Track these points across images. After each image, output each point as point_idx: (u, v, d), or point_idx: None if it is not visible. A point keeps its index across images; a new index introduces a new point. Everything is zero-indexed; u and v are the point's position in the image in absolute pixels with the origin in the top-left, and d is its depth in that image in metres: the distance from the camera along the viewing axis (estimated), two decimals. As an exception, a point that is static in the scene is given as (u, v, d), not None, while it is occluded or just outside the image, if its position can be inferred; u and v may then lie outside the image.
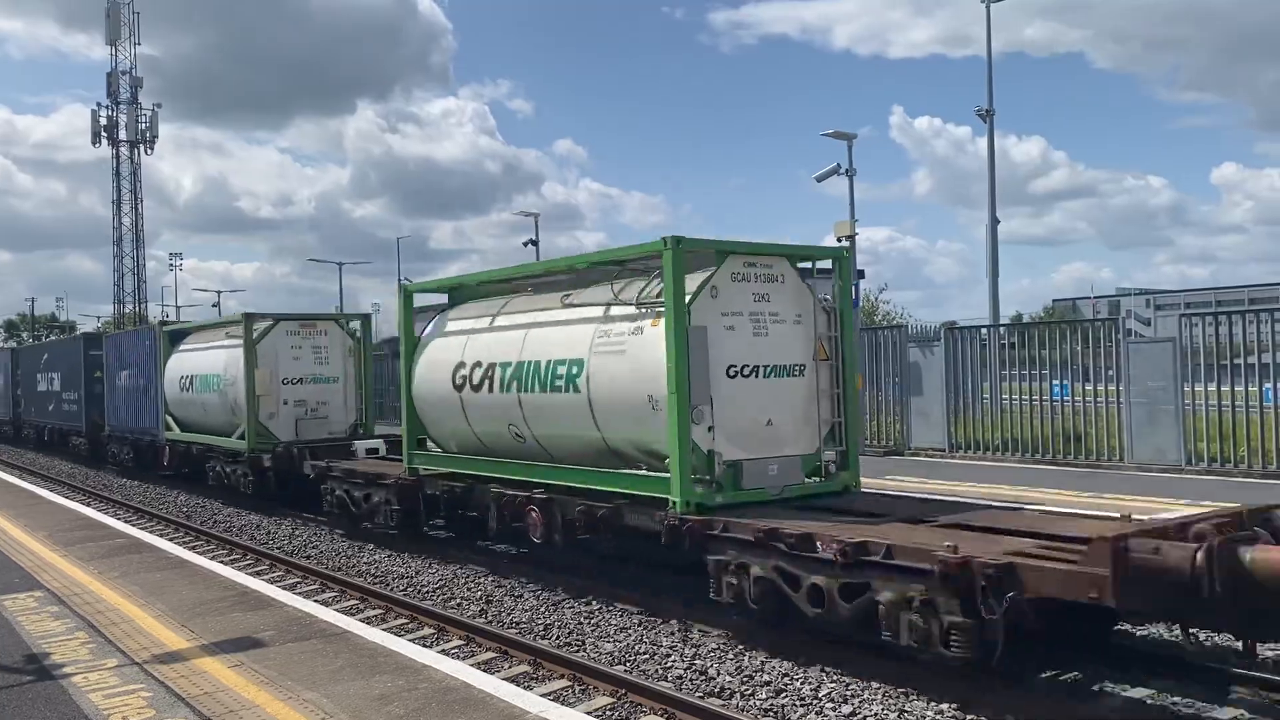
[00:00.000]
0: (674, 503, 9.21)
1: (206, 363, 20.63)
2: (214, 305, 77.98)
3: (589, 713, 7.09)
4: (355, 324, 20.11)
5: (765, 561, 8.40)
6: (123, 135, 66.60)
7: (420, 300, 14.49)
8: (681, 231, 9.65)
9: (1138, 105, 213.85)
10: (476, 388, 12.09)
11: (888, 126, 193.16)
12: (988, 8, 30.22)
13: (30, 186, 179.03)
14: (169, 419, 22.50)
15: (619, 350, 10.03)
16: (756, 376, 9.72)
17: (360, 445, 16.89)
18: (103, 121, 66.70)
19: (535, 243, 50.21)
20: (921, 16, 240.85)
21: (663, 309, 9.38)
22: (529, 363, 11.18)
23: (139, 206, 66.91)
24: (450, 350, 12.82)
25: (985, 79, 30.81)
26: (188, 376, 21.42)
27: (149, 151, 67.66)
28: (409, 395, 13.62)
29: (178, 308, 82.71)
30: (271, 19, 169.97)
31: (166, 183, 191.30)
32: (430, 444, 13.70)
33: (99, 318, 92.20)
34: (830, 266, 10.80)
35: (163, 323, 26.61)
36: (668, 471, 9.40)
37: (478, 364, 12.10)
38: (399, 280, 52.36)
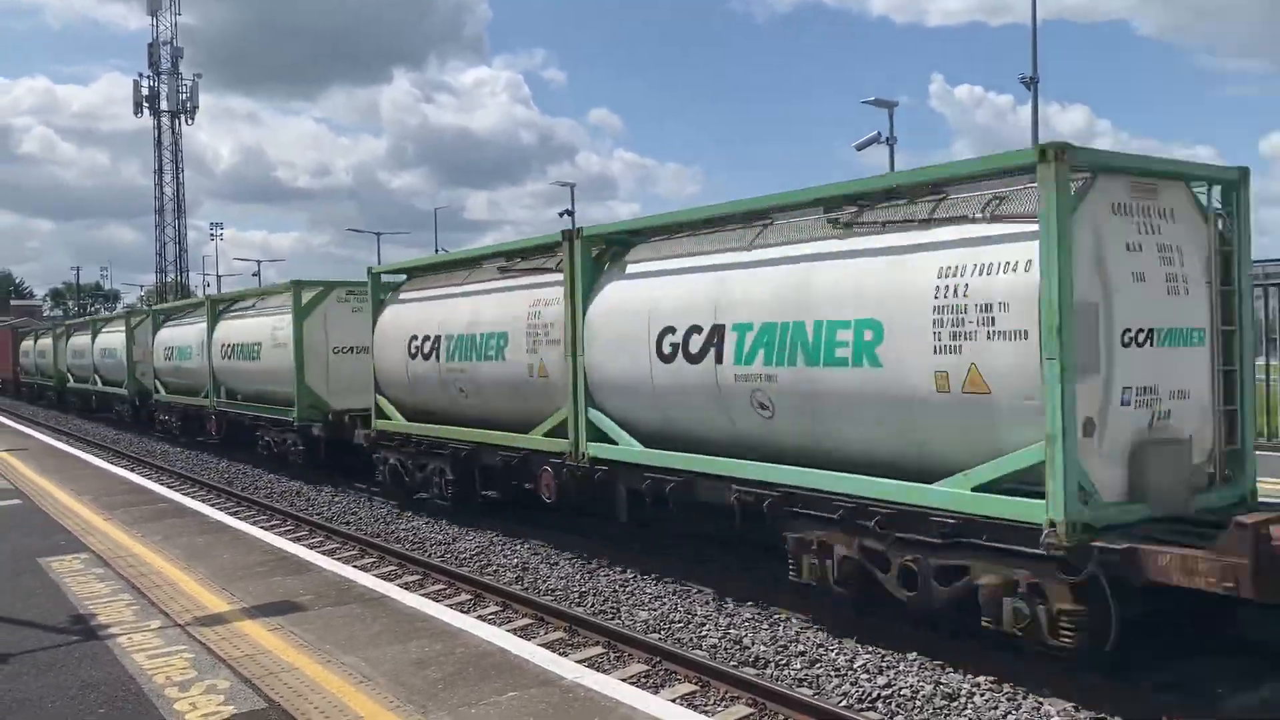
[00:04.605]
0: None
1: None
2: (254, 275, 78.56)
3: (624, 679, 7.11)
4: None
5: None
6: (164, 105, 67.32)
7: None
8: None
9: (1183, 72, 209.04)
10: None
11: (927, 95, 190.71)
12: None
13: (72, 155, 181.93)
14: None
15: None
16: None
17: None
18: (144, 91, 67.46)
19: (571, 213, 48.70)
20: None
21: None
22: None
23: (180, 176, 67.77)
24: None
25: (1025, 47, 30.18)
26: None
27: (189, 121, 68.55)
28: None
29: (219, 277, 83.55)
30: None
31: (204, 152, 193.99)
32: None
33: (141, 286, 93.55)
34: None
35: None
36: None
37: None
38: (436, 251, 52.20)
